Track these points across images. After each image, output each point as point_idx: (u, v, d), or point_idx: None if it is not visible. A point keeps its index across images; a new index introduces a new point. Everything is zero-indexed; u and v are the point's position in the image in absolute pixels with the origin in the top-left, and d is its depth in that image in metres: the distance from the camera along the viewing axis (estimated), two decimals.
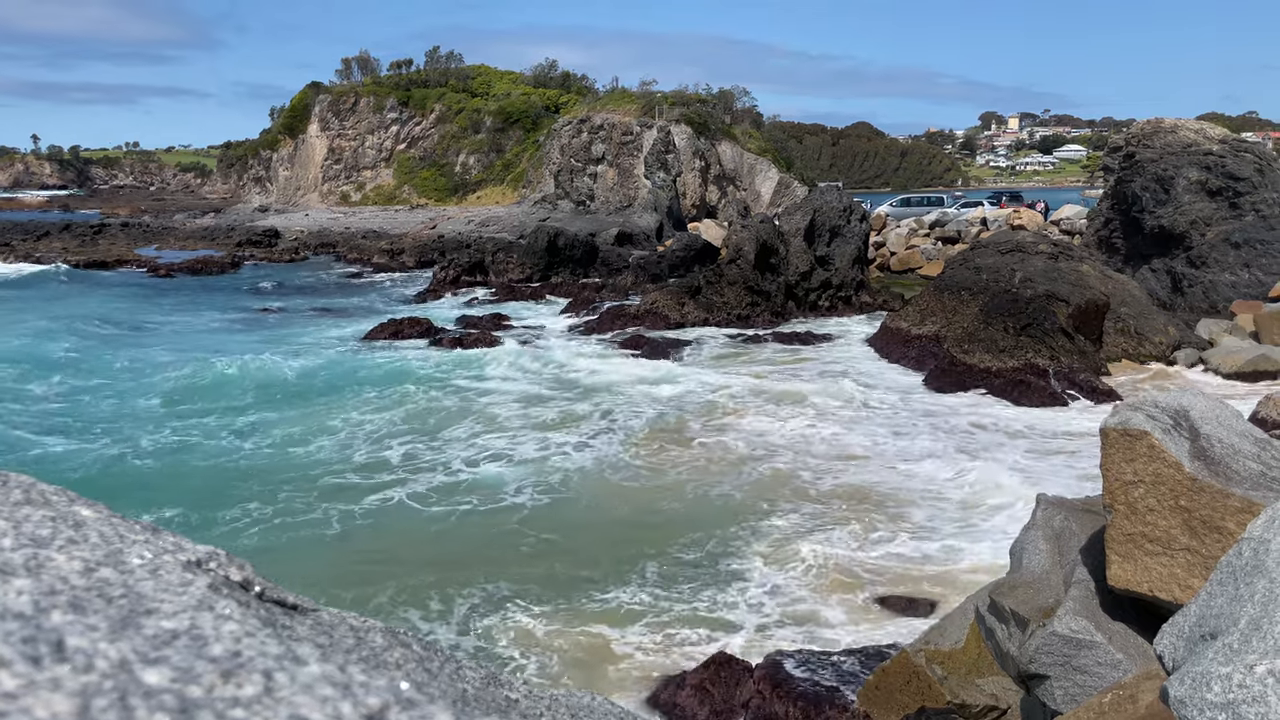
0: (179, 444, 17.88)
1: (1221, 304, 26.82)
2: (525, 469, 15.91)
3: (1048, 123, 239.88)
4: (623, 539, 12.63)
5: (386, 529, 13.41)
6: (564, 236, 44.95)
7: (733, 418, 18.93)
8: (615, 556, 11.98)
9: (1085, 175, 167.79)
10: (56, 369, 24.69)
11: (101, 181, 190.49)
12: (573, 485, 15.12)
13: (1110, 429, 5.23)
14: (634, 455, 16.62)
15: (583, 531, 13.04)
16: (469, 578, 11.35)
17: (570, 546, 12.48)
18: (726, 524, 13.07)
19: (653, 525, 13.16)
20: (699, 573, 11.46)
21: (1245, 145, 30.71)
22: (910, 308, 26.14)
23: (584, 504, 14.31)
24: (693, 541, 12.46)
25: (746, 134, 68.66)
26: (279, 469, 16.13)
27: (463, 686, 1.34)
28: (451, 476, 15.60)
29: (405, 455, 16.86)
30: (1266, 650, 2.70)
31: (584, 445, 17.33)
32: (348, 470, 16.04)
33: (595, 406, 20.15)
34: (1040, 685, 5.60)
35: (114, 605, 0.90)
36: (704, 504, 14.10)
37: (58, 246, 61.61)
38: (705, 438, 17.54)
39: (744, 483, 14.96)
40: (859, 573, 11.30)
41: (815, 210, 33.17)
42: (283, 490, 14.93)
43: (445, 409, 20.22)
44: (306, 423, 19.17)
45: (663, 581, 11.22)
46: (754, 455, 16.39)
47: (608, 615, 10.36)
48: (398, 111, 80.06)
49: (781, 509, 13.63)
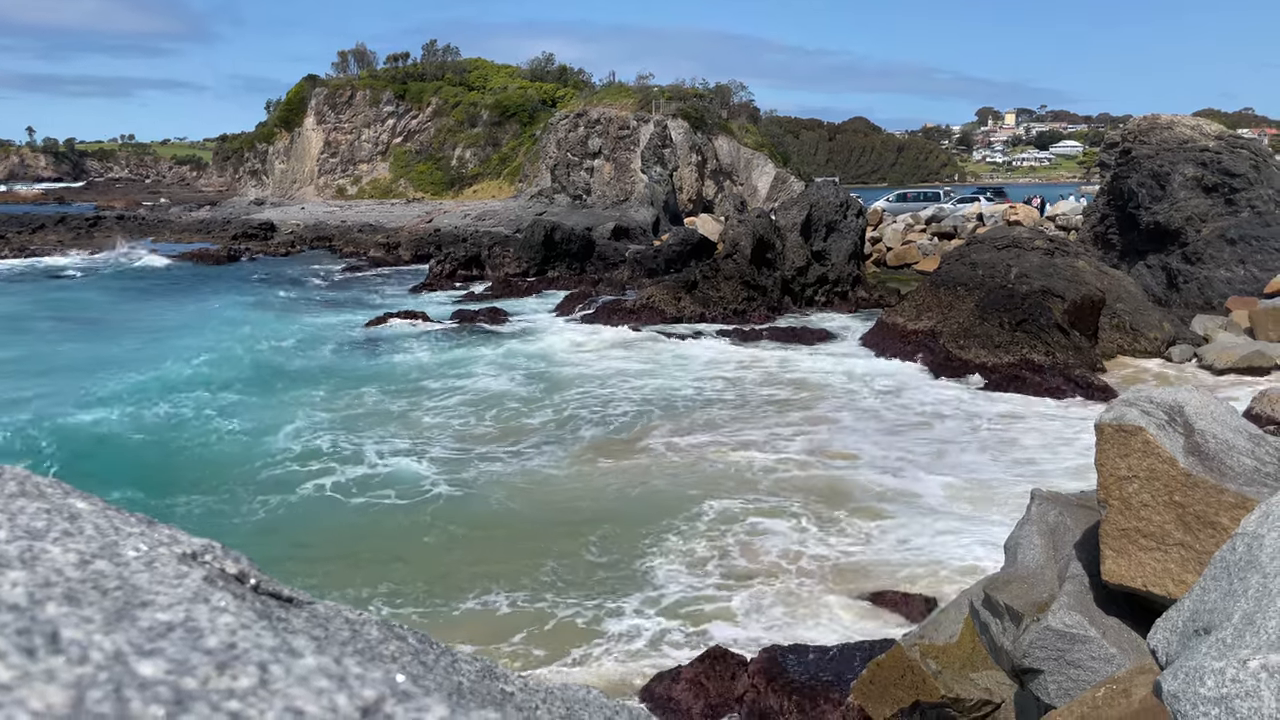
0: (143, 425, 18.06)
1: (1217, 300, 26.88)
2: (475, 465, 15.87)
3: (1044, 118, 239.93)
4: (557, 535, 12.58)
5: (305, 517, 13.62)
6: (560, 231, 44.90)
7: (715, 410, 18.94)
8: (530, 550, 12.03)
9: (1082, 171, 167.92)
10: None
11: (97, 174, 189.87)
12: (526, 482, 15.08)
13: (1105, 424, 5.24)
14: (599, 453, 16.40)
15: (507, 527, 13.08)
16: (359, 570, 11.43)
17: (500, 541, 12.53)
18: (667, 518, 12.95)
19: (573, 524, 12.99)
20: (609, 573, 11.36)
21: (1241, 141, 30.75)
22: (906, 303, 26.15)
23: (532, 502, 14.23)
24: (619, 537, 12.41)
25: (743, 129, 68.59)
26: (219, 460, 16.40)
27: (458, 679, 1.34)
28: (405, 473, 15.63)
29: (337, 446, 16.90)
30: (1260, 645, 2.71)
31: (548, 442, 17.21)
32: (288, 459, 16.18)
33: (581, 398, 20.20)
34: (1034, 679, 5.62)
35: (109, 597, 0.90)
36: (654, 499, 13.99)
37: (53, 239, 61.49)
38: (678, 438, 17.25)
39: (704, 478, 14.78)
40: (795, 568, 11.22)
41: (812, 205, 33.16)
42: (217, 477, 15.38)
43: (425, 404, 20.21)
44: (260, 415, 19.19)
45: (567, 582, 11.15)
46: (729, 450, 16.18)
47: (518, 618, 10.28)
48: (394, 105, 79.85)
49: (726, 504, 13.41)
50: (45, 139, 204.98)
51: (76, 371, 23.36)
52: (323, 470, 15.61)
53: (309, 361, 24.78)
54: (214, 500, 14.38)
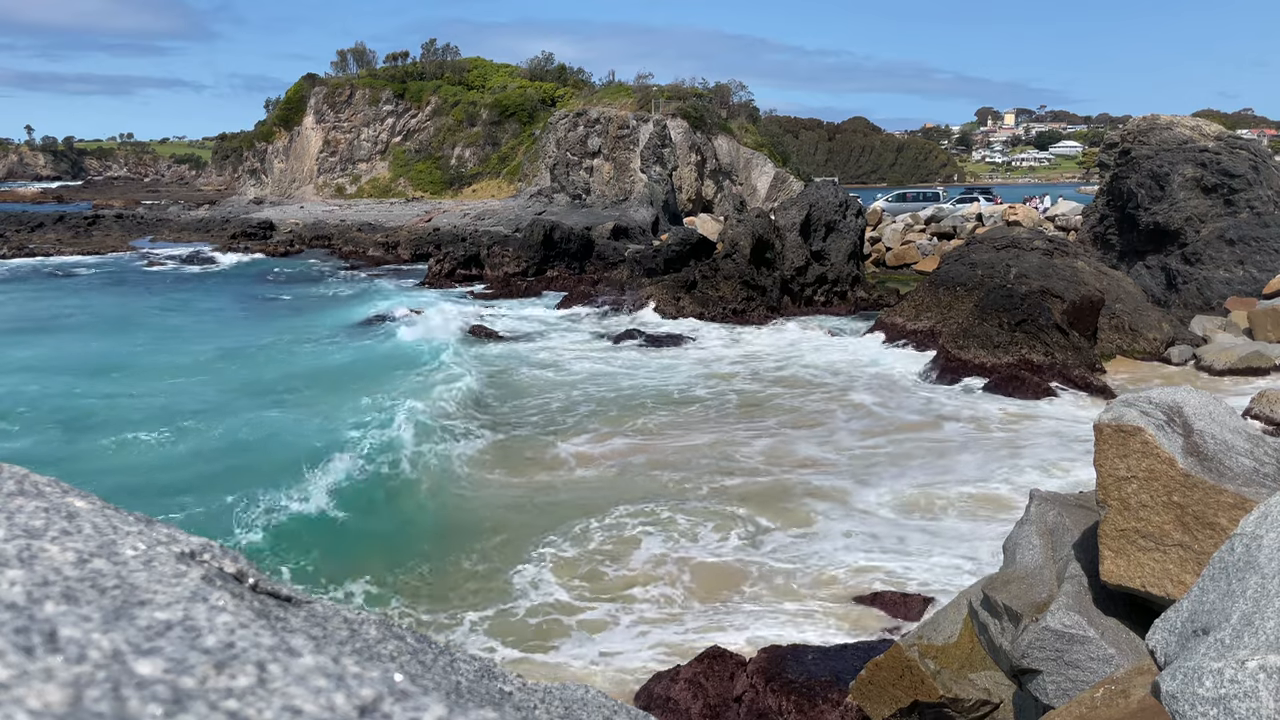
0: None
1: (1216, 300, 26.88)
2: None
3: (1044, 119, 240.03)
4: (445, 541, 12.52)
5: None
6: (560, 230, 44.86)
7: (698, 409, 19.02)
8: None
9: (1081, 171, 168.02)
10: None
11: (95, 173, 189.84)
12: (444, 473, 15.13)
13: (1104, 425, 5.24)
14: (514, 458, 16.09)
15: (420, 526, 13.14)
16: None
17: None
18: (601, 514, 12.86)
19: (472, 531, 12.83)
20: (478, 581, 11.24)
21: (1240, 142, 30.76)
22: (906, 303, 26.15)
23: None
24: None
25: (743, 128, 68.57)
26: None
27: (456, 679, 1.34)
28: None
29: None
30: (1258, 645, 2.72)
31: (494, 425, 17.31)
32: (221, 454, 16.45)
33: (583, 394, 20.29)
34: (1032, 680, 5.62)
35: (107, 596, 0.90)
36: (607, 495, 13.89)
37: (51, 238, 61.42)
38: (600, 445, 16.88)
39: (628, 486, 14.38)
40: (665, 574, 11.08)
41: (811, 205, 33.15)
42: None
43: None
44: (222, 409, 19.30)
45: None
46: (701, 452, 15.95)
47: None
48: (393, 104, 79.78)
49: (637, 509, 13.13)
50: (44, 138, 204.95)
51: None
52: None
53: (295, 358, 24.77)
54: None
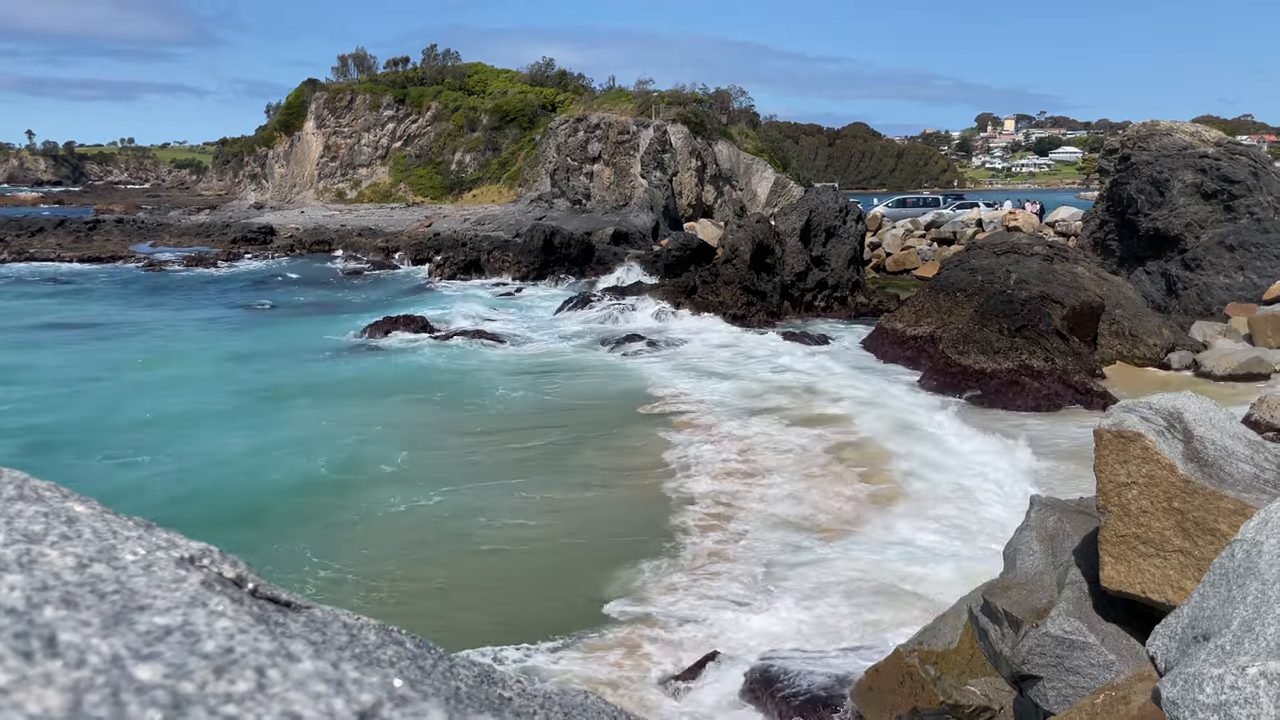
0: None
1: (1216, 306, 26.88)
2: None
3: (1044, 125, 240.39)
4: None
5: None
6: (560, 235, 44.92)
7: (685, 410, 19.01)
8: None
9: (1081, 177, 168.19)
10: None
11: (96, 177, 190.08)
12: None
13: (1104, 431, 5.24)
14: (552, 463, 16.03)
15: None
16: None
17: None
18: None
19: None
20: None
21: (1240, 148, 30.78)
22: (905, 308, 26.16)
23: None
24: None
25: (743, 134, 68.64)
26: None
27: (456, 684, 1.34)
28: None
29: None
30: (1259, 652, 2.71)
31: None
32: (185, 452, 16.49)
33: (563, 399, 20.30)
34: (1033, 686, 5.61)
35: (106, 601, 0.90)
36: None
37: (52, 243, 61.45)
38: (644, 441, 16.93)
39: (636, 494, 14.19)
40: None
41: (811, 210, 33.17)
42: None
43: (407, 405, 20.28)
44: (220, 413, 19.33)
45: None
46: (676, 461, 15.66)
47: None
48: (394, 109, 79.88)
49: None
50: (45, 142, 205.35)
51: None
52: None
53: (293, 365, 24.80)
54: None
